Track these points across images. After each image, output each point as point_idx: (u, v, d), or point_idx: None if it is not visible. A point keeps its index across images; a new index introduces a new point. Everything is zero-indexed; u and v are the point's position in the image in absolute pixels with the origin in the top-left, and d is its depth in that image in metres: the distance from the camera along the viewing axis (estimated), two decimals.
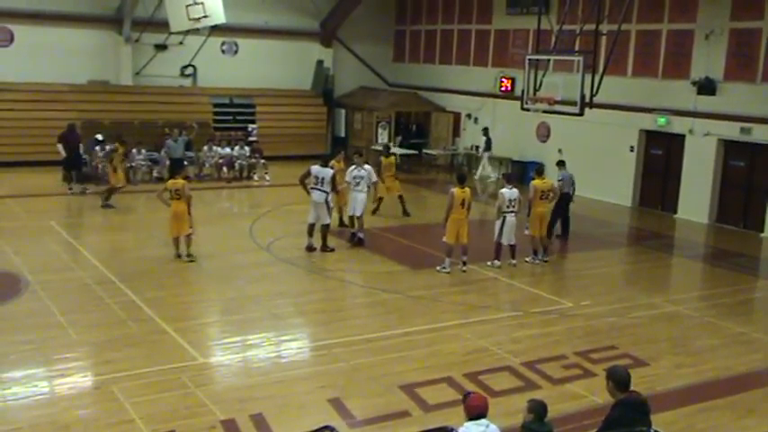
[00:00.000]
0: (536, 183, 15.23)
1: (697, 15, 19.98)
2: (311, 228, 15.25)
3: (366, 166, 16.03)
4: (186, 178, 14.80)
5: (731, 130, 19.31)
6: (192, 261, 14.12)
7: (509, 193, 14.57)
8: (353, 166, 15.93)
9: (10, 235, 15.65)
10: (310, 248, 15.21)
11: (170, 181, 14.53)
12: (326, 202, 15.09)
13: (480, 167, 25.56)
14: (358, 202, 15.72)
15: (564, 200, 16.88)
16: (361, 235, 15.92)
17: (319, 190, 15.07)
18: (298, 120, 27.98)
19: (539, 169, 15.96)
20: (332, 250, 15.29)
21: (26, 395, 8.66)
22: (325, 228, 15.29)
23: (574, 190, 17.23)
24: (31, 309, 11.41)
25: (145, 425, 7.98)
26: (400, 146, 27.24)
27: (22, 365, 9.41)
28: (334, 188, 15.22)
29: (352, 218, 15.98)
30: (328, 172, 15.17)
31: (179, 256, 14.25)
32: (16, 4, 24.05)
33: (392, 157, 19.45)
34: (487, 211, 15.03)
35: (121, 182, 19.12)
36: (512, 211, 14.55)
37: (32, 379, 9.10)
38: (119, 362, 9.55)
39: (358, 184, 15.70)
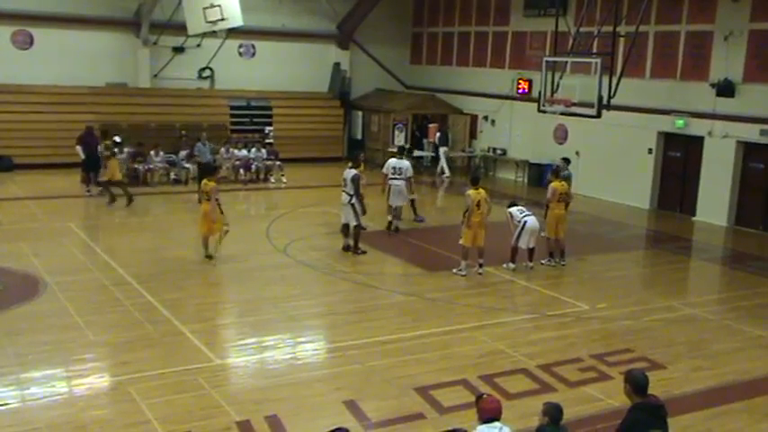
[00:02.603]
0: (555, 184, 15.14)
1: (716, 16, 19.81)
2: (344, 228, 15.35)
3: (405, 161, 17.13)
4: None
5: (750, 133, 19.14)
6: (209, 258, 14.34)
7: None
8: (394, 159, 17.08)
9: (29, 236, 15.80)
10: (346, 248, 15.30)
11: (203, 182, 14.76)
12: (351, 204, 15.06)
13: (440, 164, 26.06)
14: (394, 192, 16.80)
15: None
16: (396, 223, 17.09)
17: (343, 191, 15.19)
18: (314, 122, 28.04)
19: (555, 170, 15.76)
20: (363, 253, 15.22)
21: (44, 395, 8.73)
22: (355, 229, 15.23)
23: None
24: (49, 310, 11.50)
25: (161, 425, 8.02)
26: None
27: (41, 366, 9.49)
28: (357, 190, 15.06)
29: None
30: (349, 173, 15.22)
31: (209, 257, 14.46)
32: (36, 8, 24.27)
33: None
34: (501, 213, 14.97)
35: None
36: (530, 214, 14.53)
37: (50, 379, 9.18)
38: (135, 363, 9.61)
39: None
